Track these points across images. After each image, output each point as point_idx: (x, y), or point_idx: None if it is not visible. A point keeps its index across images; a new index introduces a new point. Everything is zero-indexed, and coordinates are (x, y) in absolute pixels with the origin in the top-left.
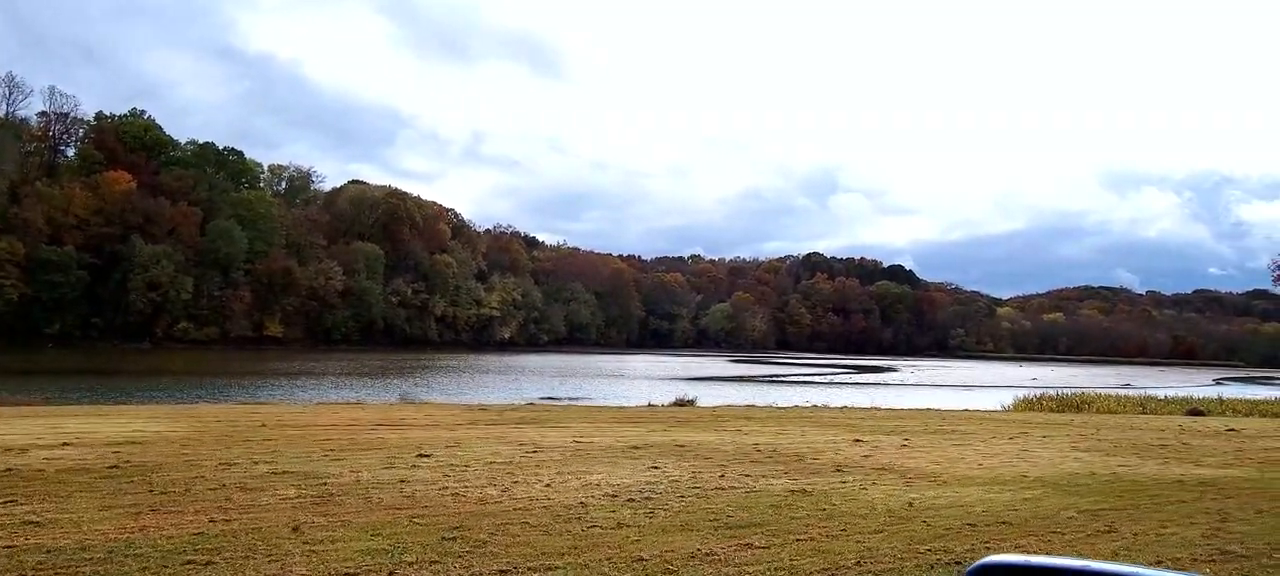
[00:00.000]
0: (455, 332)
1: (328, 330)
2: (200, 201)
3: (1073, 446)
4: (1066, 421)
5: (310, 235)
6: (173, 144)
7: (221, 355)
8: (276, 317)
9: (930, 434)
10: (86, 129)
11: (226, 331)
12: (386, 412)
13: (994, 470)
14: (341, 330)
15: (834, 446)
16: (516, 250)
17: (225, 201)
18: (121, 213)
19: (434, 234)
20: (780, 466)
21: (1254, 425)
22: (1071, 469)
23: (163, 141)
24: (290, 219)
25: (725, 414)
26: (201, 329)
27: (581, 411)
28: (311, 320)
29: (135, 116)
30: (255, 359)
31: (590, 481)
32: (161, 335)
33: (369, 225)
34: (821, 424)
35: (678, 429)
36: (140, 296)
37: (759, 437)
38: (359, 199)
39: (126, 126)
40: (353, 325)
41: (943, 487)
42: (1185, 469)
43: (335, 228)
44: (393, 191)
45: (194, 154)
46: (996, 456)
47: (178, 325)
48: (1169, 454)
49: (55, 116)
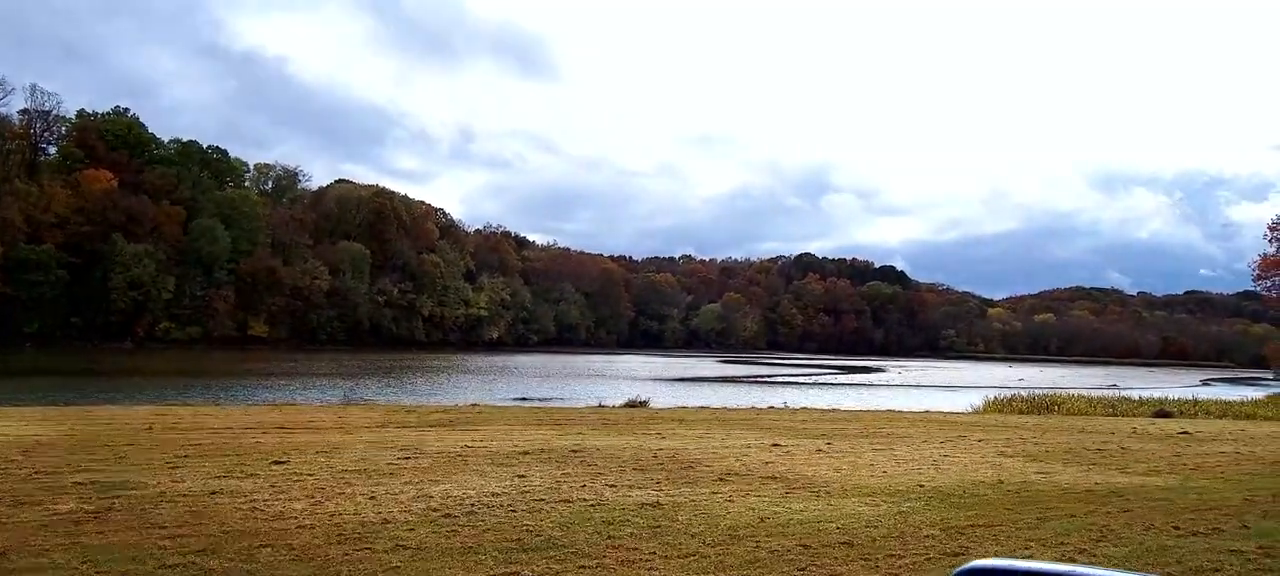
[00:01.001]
0: (443, 333)
1: (313, 330)
2: (184, 200)
3: (1000, 452)
4: (1019, 424)
5: (295, 234)
6: (156, 142)
7: (202, 355)
8: (261, 317)
9: (863, 438)
10: (69, 127)
11: (209, 331)
12: (302, 415)
13: (894, 478)
14: (327, 330)
15: (742, 453)
16: (506, 250)
17: (209, 200)
18: (103, 211)
19: (422, 233)
20: (661, 476)
21: (1214, 427)
22: (979, 477)
23: (146, 140)
24: (276, 218)
25: (664, 416)
26: (184, 328)
27: (509, 413)
28: (297, 320)
29: (118, 115)
30: (235, 359)
31: (430, 493)
32: (143, 335)
33: (355, 224)
34: (758, 427)
35: (595, 433)
36: (121, 295)
37: (674, 443)
38: (345, 198)
39: (109, 125)
40: (338, 325)
41: (819, 499)
42: (1105, 476)
43: (321, 227)
44: (379, 190)
45: (178, 152)
46: (910, 463)
47: (159, 325)
48: (1100, 460)
49: (36, 114)
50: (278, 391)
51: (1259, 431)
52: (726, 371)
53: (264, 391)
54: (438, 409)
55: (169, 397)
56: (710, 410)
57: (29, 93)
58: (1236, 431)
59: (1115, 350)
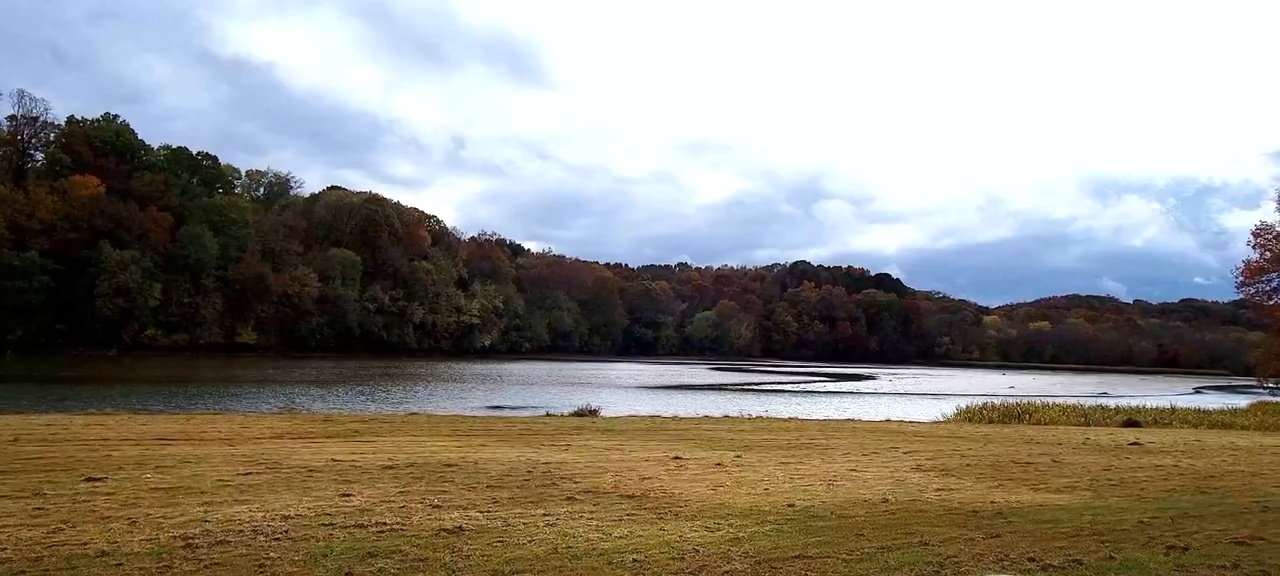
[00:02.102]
0: (435, 340)
1: (302, 337)
2: (172, 207)
3: (917, 466)
4: (969, 434)
5: (286, 241)
6: (145, 148)
7: (187, 362)
8: (249, 324)
9: (783, 450)
10: (57, 133)
11: (196, 338)
12: (206, 424)
13: (770, 497)
14: (317, 337)
15: (632, 467)
16: (499, 257)
17: (198, 207)
18: (89, 217)
19: (414, 240)
20: (509, 495)
21: (1170, 438)
22: (867, 495)
23: (135, 146)
24: (266, 225)
25: (591, 427)
26: (171, 335)
27: (432, 423)
28: (286, 327)
29: (108, 121)
30: (220, 366)
31: (209, 517)
32: (129, 341)
33: (347, 231)
34: (682, 438)
35: (496, 445)
36: (107, 302)
37: (570, 455)
38: (337, 205)
39: (97, 131)
40: (328, 332)
41: (657, 523)
42: (1010, 494)
43: (313, 234)
44: (371, 197)
45: (167, 159)
46: (807, 478)
47: (146, 331)
48: (1021, 474)
49: (24, 120)
50: (225, 399)
51: (1214, 442)
52: (712, 379)
53: (211, 399)
54: (361, 418)
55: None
56: (652, 419)
57: (16, 99)
58: (1191, 442)
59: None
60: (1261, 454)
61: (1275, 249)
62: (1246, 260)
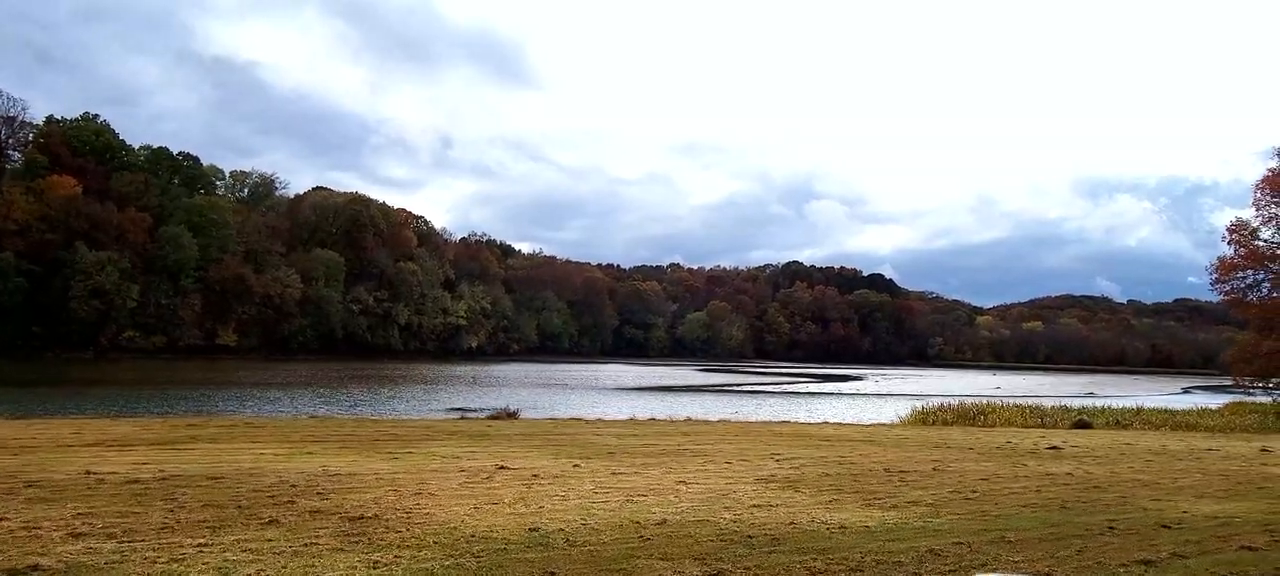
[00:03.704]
0: (421, 342)
1: (284, 339)
2: (151, 207)
3: (766, 476)
4: (882, 439)
5: (268, 242)
6: (126, 149)
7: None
8: (230, 326)
9: (657, 455)
10: (36, 133)
11: (175, 340)
12: (48, 430)
13: (530, 517)
14: (299, 339)
15: (427, 479)
16: (487, 258)
17: (178, 207)
18: (66, 218)
19: (400, 241)
20: (219, 514)
21: (1100, 441)
22: (651, 515)
23: (115, 146)
24: (248, 225)
25: (467, 432)
26: (149, 338)
27: (270, 428)
28: (268, 329)
29: (87, 120)
30: (198, 368)
31: None
32: (107, 344)
33: (332, 232)
34: (560, 442)
35: (325, 452)
36: (82, 304)
37: (386, 465)
38: (322, 205)
39: (76, 131)
40: (311, 334)
41: (346, 553)
42: (828, 512)
43: (297, 235)
44: (356, 197)
45: (148, 159)
46: (616, 491)
47: (123, 333)
48: (877, 485)
49: (2, 121)
50: (151, 402)
51: (1144, 446)
52: (695, 381)
53: (127, 403)
54: (222, 423)
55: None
56: (557, 422)
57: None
58: (1118, 446)
59: (1103, 358)
60: (1187, 458)
61: (1251, 245)
62: (1221, 257)
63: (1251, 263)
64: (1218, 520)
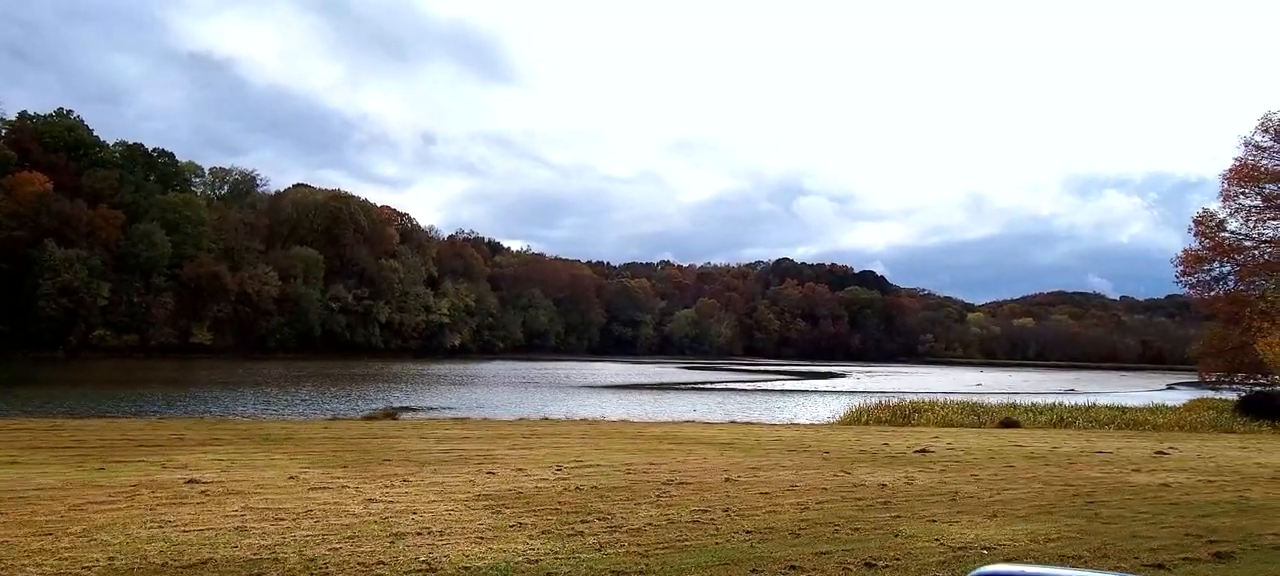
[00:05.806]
0: (403, 340)
1: (262, 337)
2: (125, 204)
3: (478, 492)
4: (709, 439)
5: (245, 239)
6: (99, 145)
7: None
8: (205, 324)
9: (432, 465)
10: (7, 129)
11: (148, 339)
12: None
13: (201, 534)
14: (277, 337)
15: (193, 486)
16: (472, 256)
17: (152, 204)
18: (35, 215)
19: (381, 238)
20: None
21: (980, 442)
22: (206, 551)
23: (88, 142)
24: (225, 223)
25: (255, 431)
26: (120, 337)
27: (41, 432)
28: (244, 327)
29: (61, 116)
30: (170, 368)
31: None
32: (77, 343)
33: (312, 229)
34: (361, 452)
35: (203, 452)
36: (50, 302)
37: (170, 477)
38: (302, 203)
39: (48, 127)
40: (288, 332)
41: None
42: (464, 546)
43: (276, 232)
44: (336, 194)
45: (122, 155)
46: (252, 513)
47: (94, 332)
48: (597, 506)
49: None
50: (110, 404)
51: (1018, 452)
52: (676, 378)
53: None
54: (154, 424)
55: None
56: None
57: None
58: (987, 450)
59: (1094, 355)
60: (1056, 463)
61: (1217, 237)
62: (1187, 249)
63: (1217, 254)
64: (960, 546)
